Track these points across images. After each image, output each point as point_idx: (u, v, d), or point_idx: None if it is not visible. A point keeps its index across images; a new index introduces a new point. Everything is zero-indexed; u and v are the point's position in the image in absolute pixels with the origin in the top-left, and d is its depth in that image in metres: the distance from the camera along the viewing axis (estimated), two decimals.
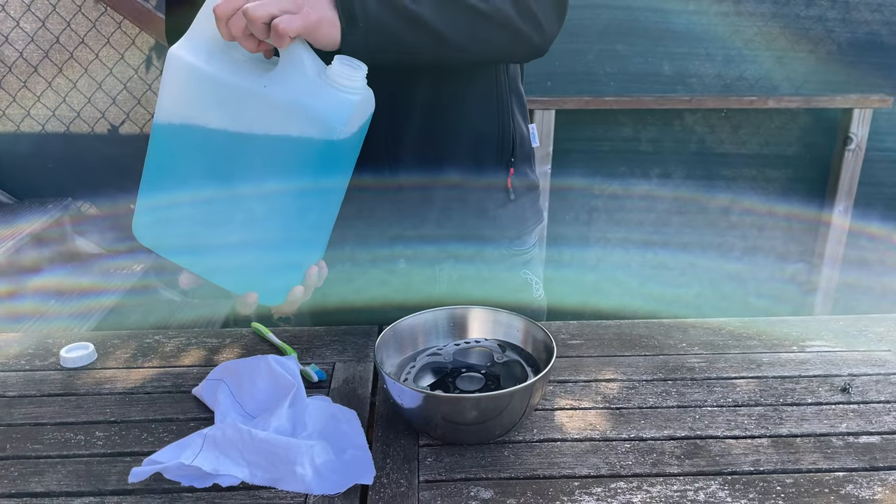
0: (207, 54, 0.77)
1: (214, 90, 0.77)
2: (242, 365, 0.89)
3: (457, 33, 0.86)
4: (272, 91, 0.76)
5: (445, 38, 0.85)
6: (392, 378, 0.80)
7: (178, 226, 0.85)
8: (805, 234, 2.74)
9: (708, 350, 1.02)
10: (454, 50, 0.88)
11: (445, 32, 0.85)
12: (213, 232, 0.84)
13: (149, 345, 1.05)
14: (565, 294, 2.64)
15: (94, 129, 2.51)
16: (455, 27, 0.86)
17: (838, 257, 2.69)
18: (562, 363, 0.99)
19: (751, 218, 2.73)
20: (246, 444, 0.76)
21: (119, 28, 2.39)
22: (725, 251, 2.77)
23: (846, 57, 2.53)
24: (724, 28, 2.47)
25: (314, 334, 1.07)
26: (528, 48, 0.94)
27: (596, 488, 0.75)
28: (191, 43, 0.78)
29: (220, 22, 0.74)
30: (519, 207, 1.12)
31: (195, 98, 0.78)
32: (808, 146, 2.65)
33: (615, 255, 2.76)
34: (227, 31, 0.74)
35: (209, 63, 0.77)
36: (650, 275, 2.79)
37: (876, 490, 0.75)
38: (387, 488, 0.76)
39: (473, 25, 0.87)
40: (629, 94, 2.53)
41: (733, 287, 2.82)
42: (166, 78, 0.79)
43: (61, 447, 0.83)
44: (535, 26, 0.91)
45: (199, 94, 0.78)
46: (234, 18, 0.73)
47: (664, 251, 2.76)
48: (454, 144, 1.04)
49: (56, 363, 1.00)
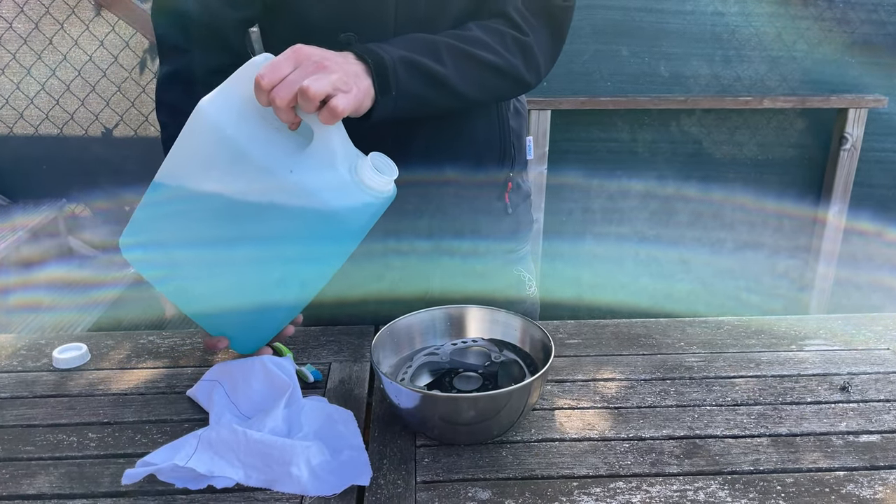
0: (238, 116, 0.73)
1: (236, 160, 0.74)
2: (237, 366, 0.88)
3: (472, 88, 0.91)
4: (297, 177, 0.73)
5: (462, 94, 0.90)
6: (389, 378, 0.79)
7: (165, 256, 0.83)
8: (800, 233, 2.74)
9: (706, 349, 1.02)
10: (464, 101, 0.92)
11: (463, 89, 0.90)
12: (199, 274, 0.83)
13: (143, 345, 1.04)
14: (560, 291, 2.64)
15: (87, 132, 2.49)
16: (472, 83, 0.91)
17: (833, 256, 2.69)
18: (560, 362, 0.98)
19: (746, 217, 2.73)
20: (241, 446, 0.75)
21: (113, 30, 2.38)
22: (718, 248, 2.77)
23: (842, 57, 2.53)
24: (721, 29, 2.47)
25: (310, 334, 1.06)
26: (524, 90, 1.00)
27: (595, 488, 0.75)
28: (223, 101, 0.74)
29: (262, 92, 0.72)
30: (514, 220, 1.14)
31: (213, 162, 0.75)
32: (803, 147, 2.66)
33: (610, 255, 2.76)
34: (268, 100, 0.72)
35: (238, 128, 0.73)
36: (645, 272, 2.79)
37: (877, 489, 0.75)
38: (383, 489, 0.75)
39: (487, 79, 0.93)
40: (625, 94, 2.53)
41: (727, 284, 2.81)
42: (191, 130, 0.75)
43: (53, 449, 0.81)
44: (536, 74, 0.97)
45: (219, 160, 0.74)
46: (280, 89, 0.71)
47: (658, 249, 2.75)
48: (455, 161, 1.05)
49: (49, 364, 0.99)
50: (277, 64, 0.72)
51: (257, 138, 0.74)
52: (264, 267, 0.81)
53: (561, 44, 1.00)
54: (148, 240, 0.83)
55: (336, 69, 0.74)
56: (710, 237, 2.75)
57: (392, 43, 0.85)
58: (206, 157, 0.75)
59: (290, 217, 0.75)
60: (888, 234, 2.74)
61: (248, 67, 0.74)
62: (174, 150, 0.77)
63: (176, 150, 0.76)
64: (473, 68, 0.90)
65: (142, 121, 2.48)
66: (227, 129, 0.73)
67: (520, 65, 0.94)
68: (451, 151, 1.05)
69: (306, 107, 0.71)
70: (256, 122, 0.74)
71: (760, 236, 2.76)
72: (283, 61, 0.72)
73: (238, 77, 0.74)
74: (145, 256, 0.84)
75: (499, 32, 0.93)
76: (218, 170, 0.75)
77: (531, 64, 0.96)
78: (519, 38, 0.94)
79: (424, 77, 0.85)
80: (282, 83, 0.71)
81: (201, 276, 0.83)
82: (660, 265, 2.78)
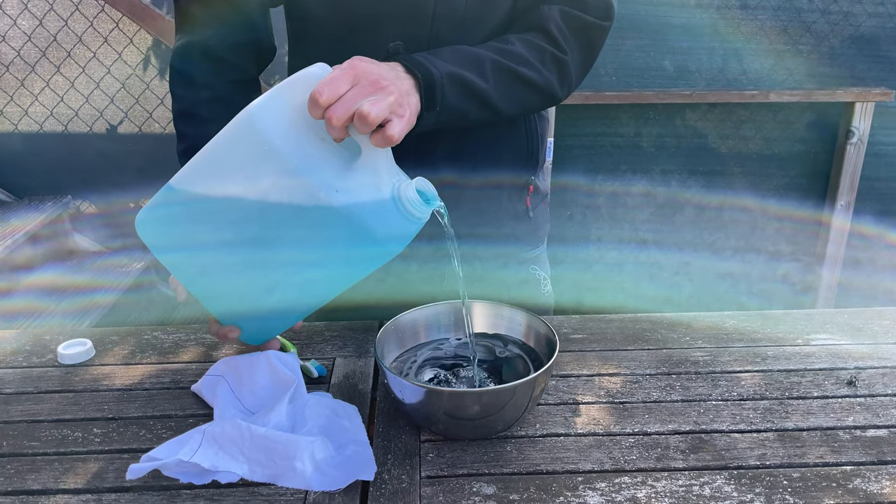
0: (287, 127, 0.71)
1: (281, 172, 0.72)
2: (242, 361, 0.88)
3: (510, 104, 0.92)
4: (341, 197, 0.72)
5: (500, 110, 0.91)
6: (393, 373, 0.79)
7: (183, 236, 0.81)
8: (806, 228, 2.73)
9: (712, 344, 1.01)
10: (499, 115, 0.92)
11: (502, 106, 0.91)
12: (220, 270, 0.82)
13: (147, 341, 1.04)
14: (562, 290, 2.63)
15: (92, 129, 2.50)
16: (510, 100, 0.92)
17: (840, 249, 2.68)
18: (564, 357, 0.98)
19: (750, 212, 2.72)
20: (245, 441, 0.75)
21: (117, 27, 2.38)
22: (720, 247, 2.76)
23: (849, 51, 2.52)
24: (727, 23, 2.46)
25: (314, 330, 1.06)
26: (554, 104, 1.02)
27: (600, 483, 0.74)
28: (273, 110, 0.71)
29: (318, 108, 0.70)
30: (533, 221, 1.14)
31: (256, 170, 0.73)
32: (809, 141, 2.64)
33: (613, 251, 2.75)
34: (322, 115, 0.70)
35: (286, 140, 0.71)
36: (645, 271, 2.78)
37: (884, 484, 0.74)
38: (388, 484, 0.75)
39: (524, 96, 0.94)
40: (630, 89, 2.52)
41: (730, 280, 2.81)
42: (235, 133, 0.72)
43: (58, 444, 0.82)
44: (568, 90, 0.99)
45: (262, 169, 0.72)
46: (337, 108, 0.69)
47: (659, 248, 2.74)
48: (480, 166, 1.05)
49: (53, 360, 0.99)
50: (335, 80, 0.70)
51: (305, 153, 0.72)
52: (289, 269, 0.80)
53: (593, 61, 1.00)
54: (167, 225, 0.81)
55: (393, 90, 0.73)
56: (709, 236, 2.73)
57: (439, 55, 0.85)
58: (249, 163, 0.73)
59: (324, 227, 0.74)
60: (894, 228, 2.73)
61: (303, 77, 0.72)
62: (212, 146, 0.74)
63: (215, 148, 0.74)
64: (513, 85, 0.91)
65: (146, 117, 2.48)
66: (275, 141, 0.71)
67: (555, 82, 0.95)
68: (476, 157, 1.04)
69: (362, 129, 0.70)
70: (304, 132, 0.72)
71: (761, 231, 2.75)
72: (341, 77, 0.71)
73: (291, 85, 0.72)
74: (161, 240, 0.83)
75: (539, 49, 0.93)
76: (259, 178, 0.73)
77: (565, 81, 0.97)
78: (557, 55, 0.94)
79: (468, 93, 0.86)
80: (339, 102, 0.70)
81: (222, 272, 0.82)
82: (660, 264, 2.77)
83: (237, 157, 0.73)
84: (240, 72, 0.99)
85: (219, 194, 0.75)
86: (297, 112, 0.71)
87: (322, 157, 0.72)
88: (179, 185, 0.76)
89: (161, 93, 2.46)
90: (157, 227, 0.82)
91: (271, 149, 0.71)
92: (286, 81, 0.72)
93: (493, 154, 1.05)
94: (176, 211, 0.79)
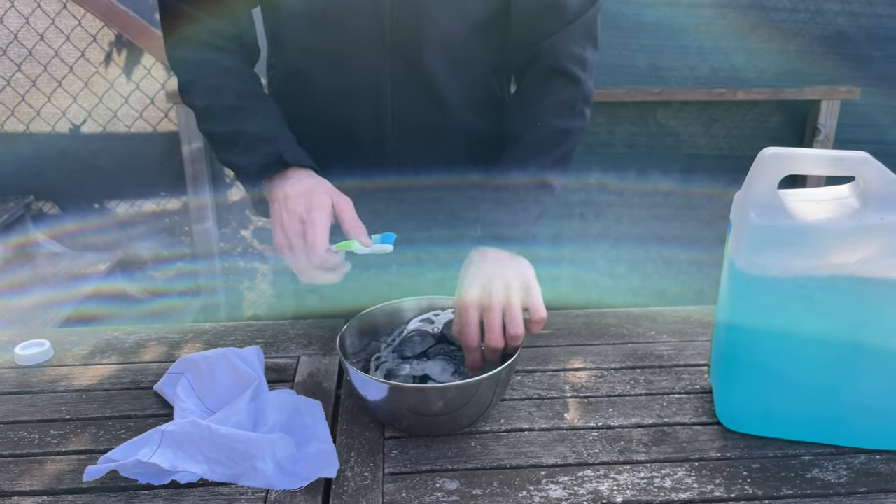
0: None
1: None
2: (202, 359, 0.87)
3: (566, 172, 0.99)
4: None
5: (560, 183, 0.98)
6: (356, 369, 0.78)
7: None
8: None
9: (676, 338, 1.02)
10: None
11: (562, 182, 0.98)
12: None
13: (107, 341, 1.02)
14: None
15: (55, 128, 2.45)
16: (565, 172, 0.98)
17: None
18: (530, 353, 0.98)
19: (723, 208, 2.75)
20: (205, 440, 0.74)
21: (79, 24, 2.34)
22: (699, 241, 2.78)
23: (818, 49, 2.55)
24: (698, 21, 2.48)
25: (279, 328, 1.05)
26: None
27: (563, 477, 0.74)
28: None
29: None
30: None
31: None
32: (780, 139, 2.67)
33: (585, 250, 2.76)
34: None
35: None
36: (622, 268, 2.79)
37: (842, 473, 0.75)
38: (350, 482, 0.74)
39: (571, 154, 0.99)
40: (603, 87, 2.53)
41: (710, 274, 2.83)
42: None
43: (14, 446, 0.80)
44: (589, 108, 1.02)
45: None
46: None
47: (632, 245, 2.76)
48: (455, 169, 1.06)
49: (11, 361, 0.97)
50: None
51: None
52: None
53: (597, 50, 1.01)
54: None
55: (534, 289, 0.85)
56: (686, 232, 2.76)
57: (529, 209, 0.92)
58: None
59: None
60: None
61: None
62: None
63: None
64: (566, 160, 0.97)
65: (110, 116, 2.44)
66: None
67: (587, 119, 0.99)
68: (453, 163, 1.06)
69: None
70: None
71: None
72: None
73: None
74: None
75: (569, 106, 0.96)
76: None
77: (589, 106, 0.99)
78: (582, 94, 0.97)
79: (545, 207, 0.96)
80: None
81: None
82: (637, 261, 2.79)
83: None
84: (234, 56, 0.98)
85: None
86: None
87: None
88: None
89: (125, 91, 2.42)
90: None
91: None
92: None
93: (471, 159, 1.06)
94: None
